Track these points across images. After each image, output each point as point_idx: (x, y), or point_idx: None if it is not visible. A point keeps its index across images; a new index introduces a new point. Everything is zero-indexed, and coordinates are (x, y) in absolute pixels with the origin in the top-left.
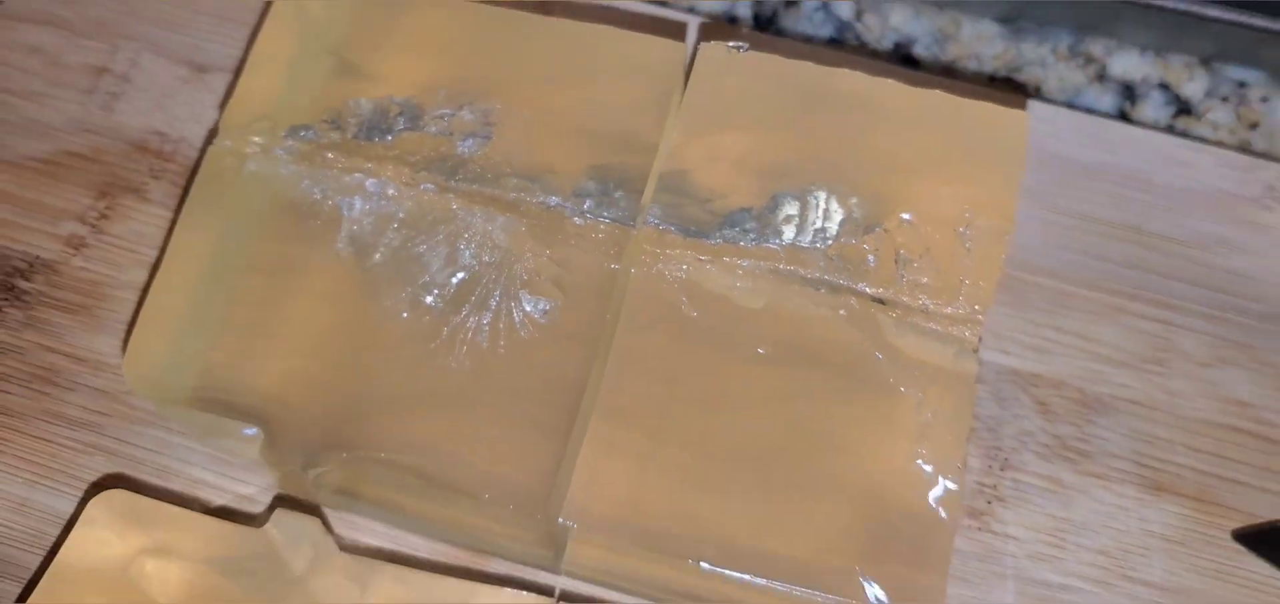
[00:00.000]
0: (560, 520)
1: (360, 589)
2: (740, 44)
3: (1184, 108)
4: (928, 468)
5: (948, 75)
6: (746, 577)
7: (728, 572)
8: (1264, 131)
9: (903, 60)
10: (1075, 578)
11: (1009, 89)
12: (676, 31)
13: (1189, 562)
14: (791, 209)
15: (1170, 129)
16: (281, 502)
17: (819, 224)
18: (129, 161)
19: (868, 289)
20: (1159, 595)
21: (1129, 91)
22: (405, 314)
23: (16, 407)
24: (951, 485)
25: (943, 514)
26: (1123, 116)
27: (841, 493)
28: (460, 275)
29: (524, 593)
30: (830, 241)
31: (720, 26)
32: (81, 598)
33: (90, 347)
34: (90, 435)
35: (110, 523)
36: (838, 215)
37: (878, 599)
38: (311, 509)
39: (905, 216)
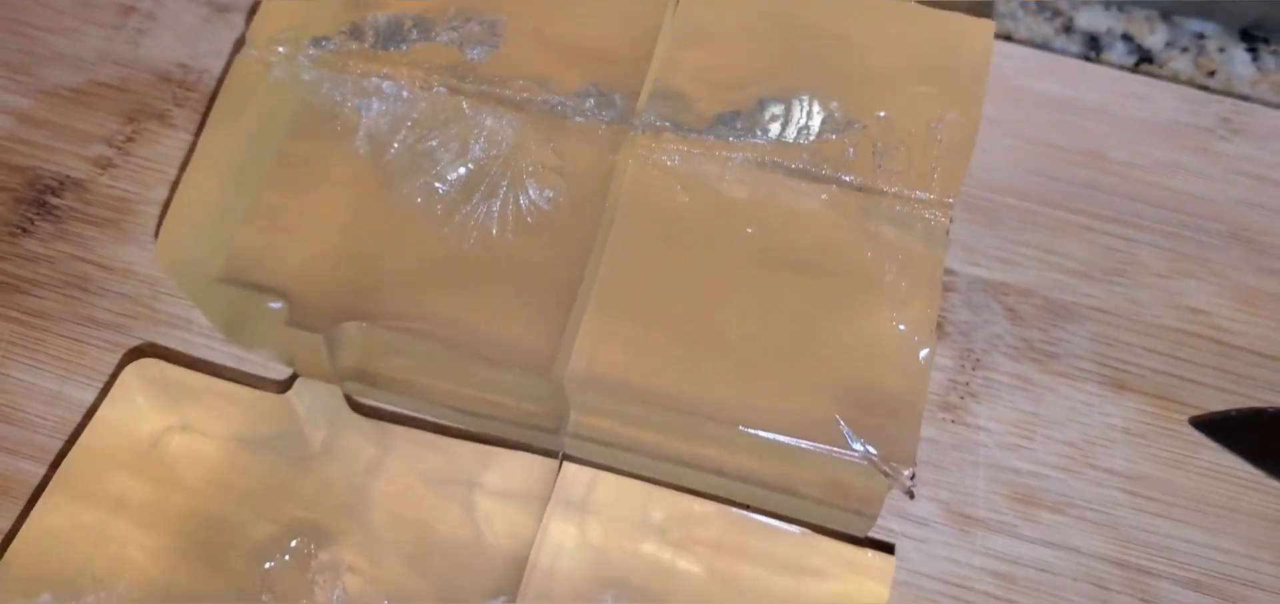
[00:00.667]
0: (563, 385)
1: (379, 451)
2: None
3: (1145, 57)
4: (902, 328)
5: None
6: (735, 426)
7: (717, 423)
8: (1220, 78)
9: None
10: (1042, 465)
11: None
12: None
13: (1148, 451)
14: (777, 110)
15: None
16: None
17: (802, 122)
18: (154, 90)
19: (847, 178)
20: (1120, 481)
21: (1094, 42)
22: (419, 201)
23: (49, 310)
24: (924, 349)
25: (916, 371)
26: None
27: (824, 356)
28: (470, 167)
29: (532, 455)
30: (813, 137)
31: None
32: (111, 472)
33: (117, 256)
34: (118, 336)
35: (143, 391)
36: (819, 115)
37: (857, 445)
38: None
39: (881, 114)
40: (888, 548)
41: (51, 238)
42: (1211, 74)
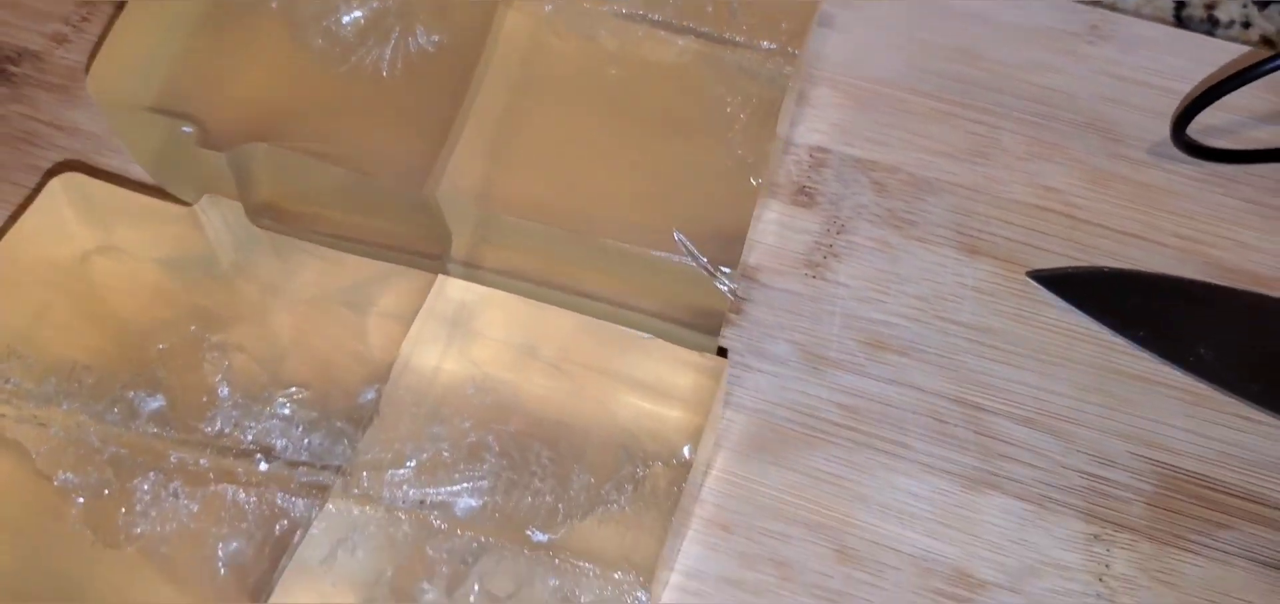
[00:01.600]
0: (438, 203)
1: (283, 263)
2: None
3: None
4: (739, 153)
5: None
6: (587, 236)
7: (571, 233)
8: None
9: None
10: (894, 316)
11: None
12: None
13: (995, 308)
14: None
15: None
16: None
17: None
18: None
19: (704, 29)
20: (966, 331)
21: None
22: (320, 43)
23: (2, 160)
24: (757, 176)
25: (748, 194)
26: None
27: (670, 181)
28: (367, 14)
29: (420, 274)
30: None
31: None
32: (33, 283)
33: (65, 117)
34: None
35: (69, 204)
36: None
37: (687, 248)
38: None
39: None
40: (722, 353)
41: (7, 100)
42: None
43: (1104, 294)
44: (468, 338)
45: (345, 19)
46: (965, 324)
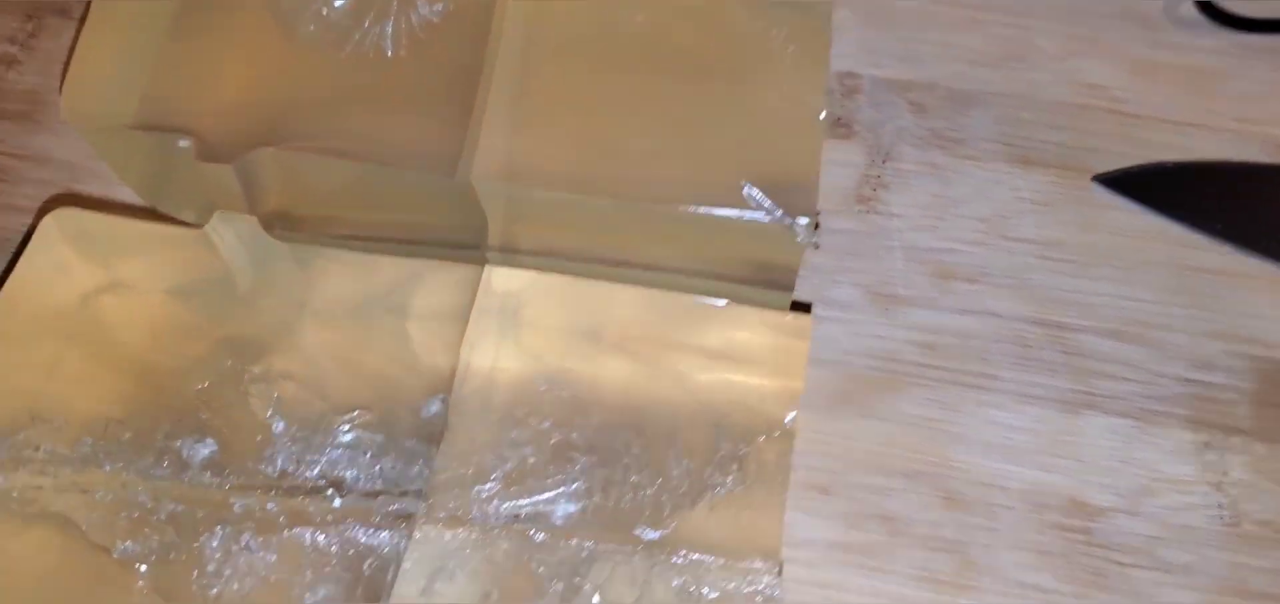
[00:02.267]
0: (471, 185)
1: (306, 273)
2: None
3: None
4: (796, 93)
5: None
6: (647, 202)
7: (629, 202)
8: None
9: None
10: (956, 242)
11: None
12: None
13: (1058, 218)
14: None
15: None
16: None
17: None
18: None
19: None
20: (1033, 248)
21: None
22: (313, 29)
23: None
24: (818, 109)
25: (812, 133)
26: None
27: (726, 132)
28: None
29: (458, 267)
30: None
31: None
32: (40, 335)
33: (32, 146)
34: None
35: (66, 242)
36: None
37: (761, 204)
38: None
39: None
40: (805, 308)
41: None
42: None
43: (1171, 189)
44: (520, 329)
45: (337, 1)
46: (1031, 240)
